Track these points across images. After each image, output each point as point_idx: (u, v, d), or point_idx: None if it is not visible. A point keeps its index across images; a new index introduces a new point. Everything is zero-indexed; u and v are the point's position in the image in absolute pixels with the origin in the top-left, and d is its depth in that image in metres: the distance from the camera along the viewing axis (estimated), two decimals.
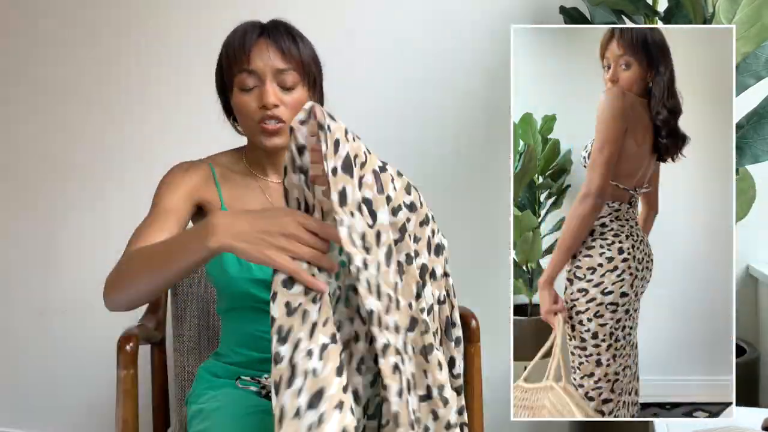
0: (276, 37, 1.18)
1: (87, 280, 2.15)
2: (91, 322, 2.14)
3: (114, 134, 2.13)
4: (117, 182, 2.12)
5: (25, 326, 2.22)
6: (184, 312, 1.62)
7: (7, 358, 2.25)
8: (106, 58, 2.12)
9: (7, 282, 2.24)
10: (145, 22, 2.09)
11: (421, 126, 1.92)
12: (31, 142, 2.20)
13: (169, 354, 1.61)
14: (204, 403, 1.23)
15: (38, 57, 2.18)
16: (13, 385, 2.25)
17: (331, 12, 1.94)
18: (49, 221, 2.19)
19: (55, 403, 2.21)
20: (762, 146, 1.41)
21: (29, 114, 2.20)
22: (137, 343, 1.26)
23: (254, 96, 1.18)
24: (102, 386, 2.11)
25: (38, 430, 2.23)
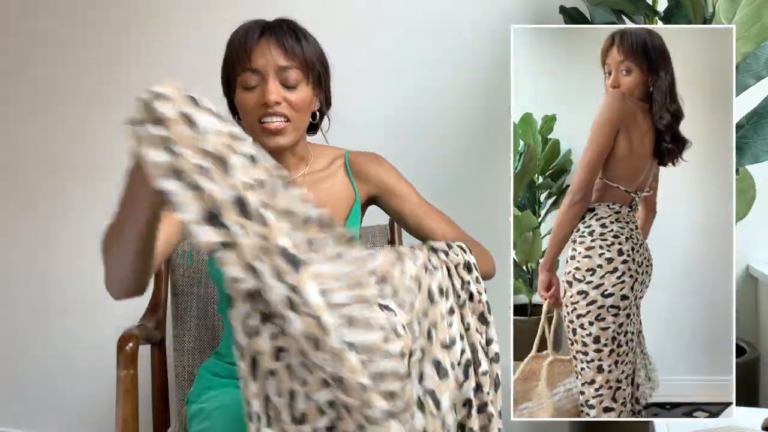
0: (278, 34, 1.18)
1: (87, 280, 2.15)
2: (90, 322, 2.14)
3: (114, 134, 2.12)
4: (117, 182, 2.12)
5: (25, 326, 2.22)
6: (184, 312, 1.62)
7: (7, 358, 2.25)
8: (106, 58, 2.12)
9: (7, 282, 2.24)
10: (146, 22, 2.08)
11: (421, 127, 1.92)
12: (31, 142, 2.20)
13: (169, 354, 1.61)
14: (204, 402, 1.23)
15: (38, 57, 2.18)
16: (13, 385, 2.25)
17: (329, 12, 1.94)
18: (49, 221, 2.19)
19: (55, 403, 2.21)
20: (762, 146, 1.41)
21: (29, 114, 2.20)
22: (137, 343, 1.27)
23: (256, 94, 1.17)
24: (102, 386, 2.11)
25: (38, 430, 2.23)
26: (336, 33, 1.94)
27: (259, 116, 1.17)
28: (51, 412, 2.21)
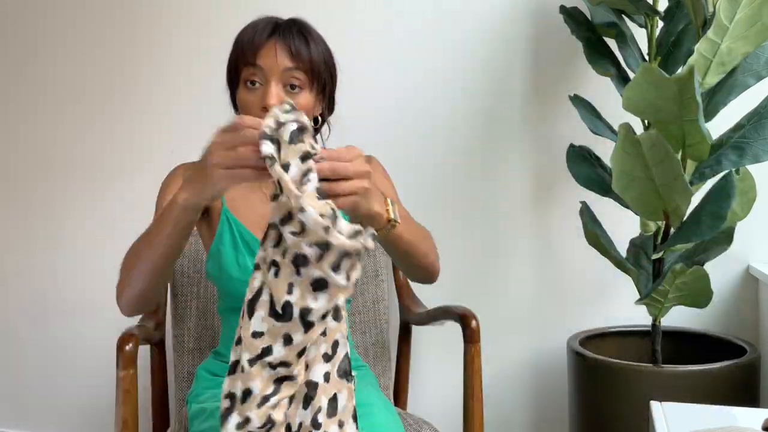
0: (287, 36, 1.16)
1: (87, 280, 2.15)
2: (91, 322, 2.14)
3: (115, 134, 2.13)
4: (118, 182, 2.12)
5: (25, 326, 2.22)
6: (184, 312, 1.62)
7: (7, 358, 2.25)
8: (107, 58, 2.12)
9: (7, 282, 2.24)
10: (151, 23, 2.08)
11: (422, 127, 1.92)
12: (31, 142, 2.20)
13: (169, 354, 1.61)
14: (205, 402, 1.23)
15: (39, 57, 2.18)
16: (13, 385, 2.25)
17: (327, 13, 1.94)
18: (49, 221, 2.19)
19: (55, 403, 2.21)
20: (762, 146, 1.41)
21: (29, 114, 2.20)
22: (137, 343, 1.26)
23: (258, 95, 1.16)
24: (102, 386, 2.11)
25: (38, 430, 2.23)
26: (336, 32, 1.95)
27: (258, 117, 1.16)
28: (51, 412, 2.21)
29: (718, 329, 1.75)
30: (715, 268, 1.66)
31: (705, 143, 1.38)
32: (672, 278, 1.44)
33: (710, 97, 1.48)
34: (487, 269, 1.90)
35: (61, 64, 2.16)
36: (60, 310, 2.18)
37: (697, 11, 1.42)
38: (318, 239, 0.78)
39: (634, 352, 1.66)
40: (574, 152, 1.64)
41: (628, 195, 1.44)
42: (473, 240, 1.90)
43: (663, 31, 1.57)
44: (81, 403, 2.18)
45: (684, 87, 1.29)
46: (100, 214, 2.14)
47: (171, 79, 2.07)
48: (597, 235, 1.53)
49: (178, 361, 1.61)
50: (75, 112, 2.15)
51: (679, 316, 1.69)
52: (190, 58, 2.05)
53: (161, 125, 2.08)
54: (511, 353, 1.90)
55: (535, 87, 1.86)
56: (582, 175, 1.61)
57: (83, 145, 2.15)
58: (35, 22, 2.18)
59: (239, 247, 1.23)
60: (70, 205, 2.17)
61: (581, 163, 1.63)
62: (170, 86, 2.07)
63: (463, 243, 1.90)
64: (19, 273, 2.22)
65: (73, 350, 2.17)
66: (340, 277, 0.80)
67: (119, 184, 2.12)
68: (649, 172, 1.39)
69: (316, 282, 0.80)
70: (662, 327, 1.57)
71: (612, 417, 1.51)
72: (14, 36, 2.20)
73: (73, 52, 2.14)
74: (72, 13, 2.14)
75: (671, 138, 1.39)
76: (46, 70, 2.17)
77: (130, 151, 2.11)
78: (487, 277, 1.90)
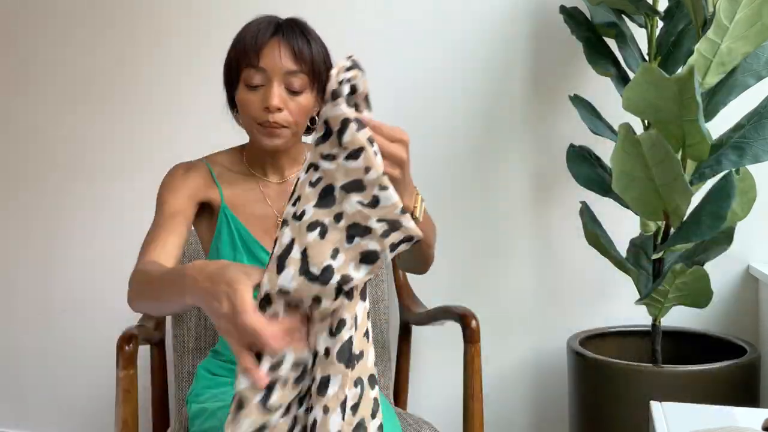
0: (290, 37, 1.16)
1: (88, 280, 2.15)
2: (91, 322, 2.14)
3: (115, 134, 2.13)
4: (118, 182, 2.12)
5: (25, 326, 2.23)
6: (184, 312, 1.62)
7: (7, 357, 2.25)
8: (107, 58, 2.12)
9: (8, 282, 2.24)
10: (151, 23, 2.09)
11: (422, 127, 1.92)
12: (32, 142, 2.20)
13: (169, 354, 1.61)
14: (206, 402, 1.23)
15: (39, 57, 2.18)
16: (13, 385, 2.25)
17: (327, 13, 1.94)
18: (50, 221, 2.19)
19: (55, 403, 2.21)
20: (762, 146, 1.41)
21: (30, 114, 2.20)
22: (137, 343, 1.27)
23: (259, 96, 1.15)
24: (102, 386, 2.11)
25: (38, 430, 2.23)
26: (336, 32, 1.95)
27: (260, 120, 1.16)
28: (51, 412, 2.21)
29: (718, 329, 1.75)
30: (715, 268, 1.66)
31: (705, 143, 1.38)
32: (672, 278, 1.44)
33: (710, 97, 1.48)
34: (487, 269, 1.90)
35: (61, 64, 2.16)
36: (60, 310, 2.18)
37: (697, 11, 1.42)
38: (392, 217, 0.80)
39: (634, 352, 1.66)
40: (574, 152, 1.64)
41: (628, 195, 1.44)
42: (473, 240, 1.90)
43: (663, 31, 1.57)
44: (81, 403, 2.18)
45: (684, 87, 1.29)
46: (100, 214, 2.14)
47: (171, 79, 2.07)
48: (597, 235, 1.53)
49: (178, 361, 1.61)
50: (75, 112, 2.15)
51: (679, 316, 1.69)
52: (190, 58, 2.05)
53: (161, 125, 2.08)
54: (511, 353, 1.90)
55: (535, 87, 1.86)
56: (582, 175, 1.61)
57: (83, 145, 2.15)
58: (35, 22, 2.18)
59: (237, 246, 1.23)
60: (70, 205, 2.17)
61: (581, 163, 1.63)
62: (170, 86, 2.07)
63: (464, 243, 1.90)
64: (19, 273, 2.23)
65: (73, 350, 2.17)
66: (390, 256, 0.81)
67: (119, 184, 2.12)
68: (649, 172, 1.39)
69: (368, 254, 0.81)
70: (662, 327, 1.57)
71: (612, 417, 1.51)
72: (14, 36, 2.20)
73: (73, 52, 2.15)
74: (72, 14, 2.14)
75: (671, 138, 1.39)
76: (46, 70, 2.17)
77: (130, 151, 2.11)
78: (487, 277, 1.90)
